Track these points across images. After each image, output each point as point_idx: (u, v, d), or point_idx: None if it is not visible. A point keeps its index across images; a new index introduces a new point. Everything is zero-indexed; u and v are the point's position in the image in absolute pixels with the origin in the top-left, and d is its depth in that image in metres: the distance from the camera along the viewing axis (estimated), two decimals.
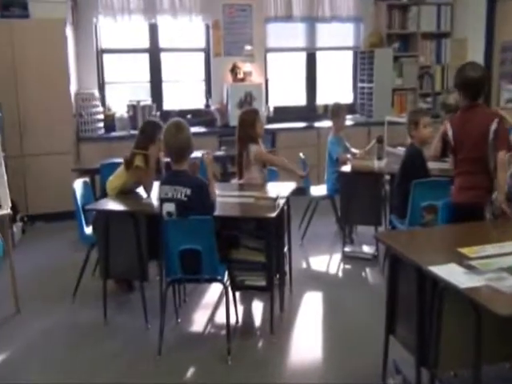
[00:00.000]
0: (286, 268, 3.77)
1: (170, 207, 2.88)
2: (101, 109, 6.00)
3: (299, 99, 7.10)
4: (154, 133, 3.67)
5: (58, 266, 4.42)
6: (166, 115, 6.16)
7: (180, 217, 2.87)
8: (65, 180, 4.92)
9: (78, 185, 3.77)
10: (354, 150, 4.92)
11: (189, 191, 2.83)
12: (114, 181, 3.72)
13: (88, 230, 3.73)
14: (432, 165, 3.87)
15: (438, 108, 6.61)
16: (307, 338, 3.19)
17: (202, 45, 6.61)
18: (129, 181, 3.70)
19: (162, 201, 2.93)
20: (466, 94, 2.92)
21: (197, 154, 3.23)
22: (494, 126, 2.79)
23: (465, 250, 2.29)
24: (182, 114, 6.37)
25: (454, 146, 3.03)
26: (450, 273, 2.06)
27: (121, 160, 3.80)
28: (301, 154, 4.94)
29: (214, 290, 3.78)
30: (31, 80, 5.34)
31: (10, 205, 3.61)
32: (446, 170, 3.99)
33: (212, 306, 3.62)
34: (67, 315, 3.55)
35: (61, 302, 3.71)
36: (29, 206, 5.48)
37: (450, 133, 3.01)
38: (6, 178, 3.60)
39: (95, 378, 2.83)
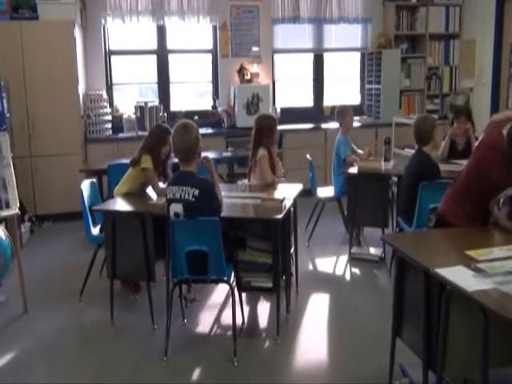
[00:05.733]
0: (293, 269, 3.76)
1: (177, 208, 2.88)
2: (109, 110, 6.03)
3: (306, 100, 7.09)
4: (162, 136, 3.69)
5: (66, 266, 4.43)
6: (173, 116, 6.20)
7: (187, 217, 2.86)
8: (72, 181, 4.95)
9: (86, 185, 3.77)
10: (359, 151, 4.90)
11: (197, 192, 2.82)
12: (121, 188, 3.75)
13: (95, 231, 3.74)
14: (441, 167, 3.83)
15: (446, 109, 6.58)
16: (313, 340, 3.17)
17: (210, 46, 6.62)
18: (136, 184, 3.72)
19: (170, 201, 2.92)
20: None
21: (207, 155, 3.22)
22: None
23: (473, 253, 2.26)
24: (189, 115, 6.37)
25: None
26: (458, 275, 2.04)
27: (128, 161, 3.81)
28: (307, 156, 4.93)
29: (221, 290, 3.77)
30: (40, 81, 5.37)
31: (18, 205, 3.63)
32: (454, 171, 3.97)
33: (218, 307, 3.62)
34: (74, 315, 3.55)
35: (68, 302, 3.72)
36: (37, 207, 5.51)
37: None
38: (14, 178, 3.61)
39: (102, 379, 2.83)
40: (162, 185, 3.61)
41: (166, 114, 6.19)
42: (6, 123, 3.77)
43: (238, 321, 3.24)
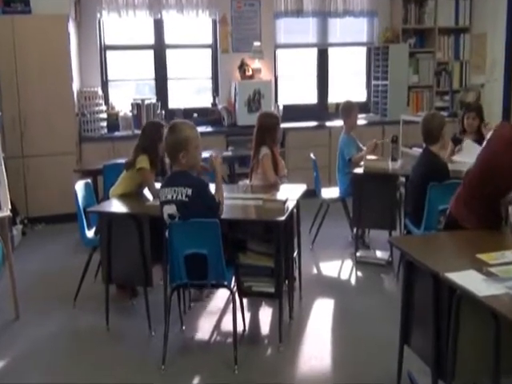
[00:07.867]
0: (296, 273, 3.71)
1: (170, 209, 2.84)
2: (104, 107, 5.95)
3: (310, 97, 7.03)
4: (156, 131, 3.65)
5: (59, 269, 4.39)
6: (172, 114, 6.11)
7: (183, 218, 2.82)
8: (66, 181, 4.90)
9: (80, 186, 3.73)
10: (365, 148, 4.79)
11: (189, 191, 2.80)
12: (117, 189, 3.72)
13: (90, 233, 3.71)
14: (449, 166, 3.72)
15: (456, 106, 6.47)
16: (317, 347, 3.10)
17: (209, 41, 6.57)
18: (132, 185, 3.69)
19: (163, 204, 2.89)
20: None
21: (204, 154, 3.17)
22: None
23: (484, 257, 2.24)
24: (188, 112, 6.32)
25: None
26: (469, 280, 2.01)
27: (124, 160, 3.77)
28: (311, 155, 4.86)
29: (221, 295, 3.72)
30: (32, 77, 5.31)
31: (10, 207, 3.58)
32: (462, 171, 3.84)
33: (218, 313, 3.57)
34: (68, 321, 3.51)
35: (61, 307, 3.68)
36: (29, 208, 5.44)
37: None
38: (5, 179, 3.57)
39: None
40: (158, 185, 3.54)
41: (163, 112, 6.13)
42: None
43: (239, 327, 3.19)
